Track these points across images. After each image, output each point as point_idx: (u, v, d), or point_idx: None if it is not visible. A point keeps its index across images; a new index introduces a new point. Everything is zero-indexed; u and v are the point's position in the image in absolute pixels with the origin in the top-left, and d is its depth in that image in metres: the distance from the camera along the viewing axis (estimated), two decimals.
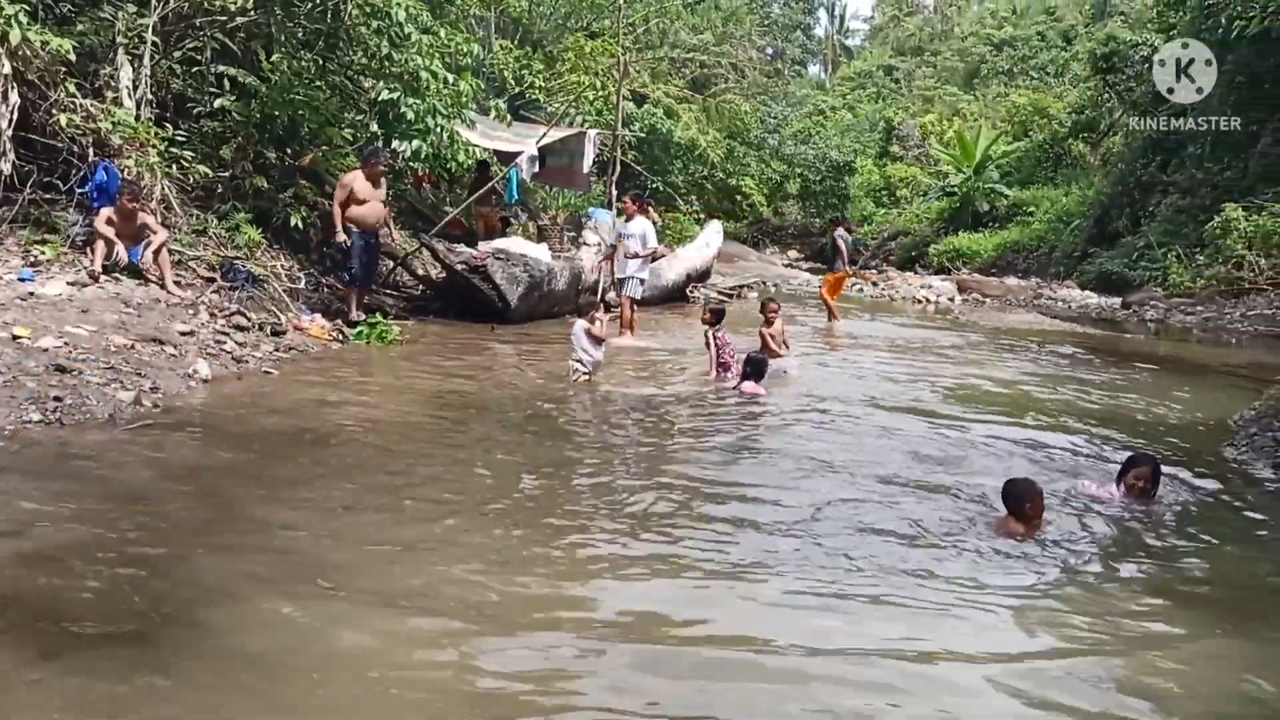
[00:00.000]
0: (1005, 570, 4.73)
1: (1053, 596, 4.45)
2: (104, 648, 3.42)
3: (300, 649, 3.52)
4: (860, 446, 7.18)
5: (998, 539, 5.12)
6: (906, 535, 5.15)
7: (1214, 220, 20.92)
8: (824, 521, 5.31)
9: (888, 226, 38.30)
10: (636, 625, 3.93)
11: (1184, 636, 4.11)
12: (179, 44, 11.19)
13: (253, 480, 5.42)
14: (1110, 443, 7.73)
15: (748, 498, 5.70)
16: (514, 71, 20.05)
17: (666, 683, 3.48)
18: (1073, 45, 45.82)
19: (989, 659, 3.77)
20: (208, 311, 9.36)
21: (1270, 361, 12.75)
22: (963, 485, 6.18)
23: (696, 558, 4.66)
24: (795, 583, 4.44)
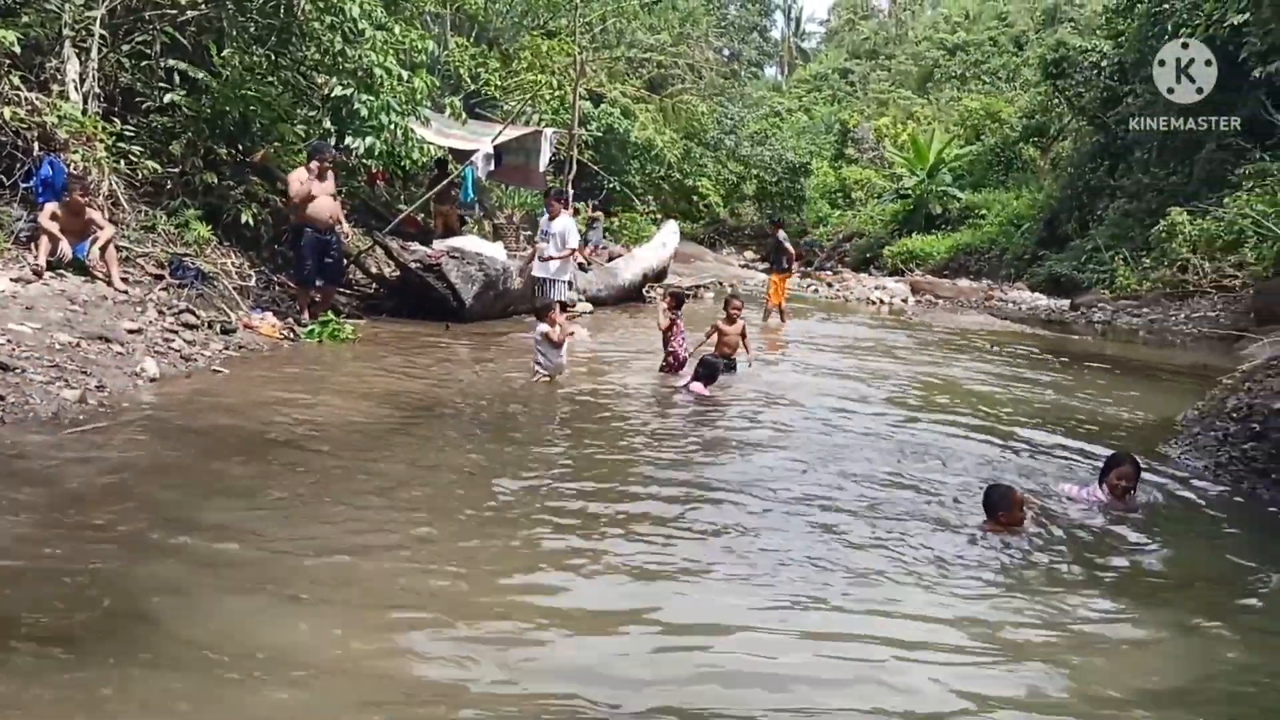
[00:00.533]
0: (959, 569, 4.79)
1: (1008, 595, 4.51)
2: (44, 649, 3.36)
3: (245, 650, 3.47)
4: (812, 446, 7.22)
5: (950, 535, 5.18)
6: (851, 533, 5.20)
7: (1159, 224, 21.35)
8: (772, 520, 5.35)
9: (843, 228, 38.66)
10: (585, 621, 3.94)
11: (1133, 633, 4.20)
12: (127, 37, 11.00)
13: (200, 481, 5.34)
14: (1060, 442, 7.85)
15: (695, 497, 5.70)
16: (470, 69, 19.97)
17: (619, 677, 3.48)
18: (1024, 51, 46.50)
19: (938, 656, 3.82)
20: (156, 309, 9.21)
21: (1213, 362, 13.00)
22: (917, 482, 6.25)
23: (643, 556, 4.68)
24: (741, 580, 4.48)
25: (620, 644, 3.78)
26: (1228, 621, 4.35)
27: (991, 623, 4.14)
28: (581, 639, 3.80)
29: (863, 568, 4.70)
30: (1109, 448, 7.67)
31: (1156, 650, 4.04)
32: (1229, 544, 5.55)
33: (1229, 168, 21.00)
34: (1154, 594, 4.71)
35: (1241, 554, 5.32)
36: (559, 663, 3.59)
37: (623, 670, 3.56)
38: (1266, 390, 6.84)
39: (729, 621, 3.99)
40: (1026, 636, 4.06)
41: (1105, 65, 27.35)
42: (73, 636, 3.47)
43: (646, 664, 3.61)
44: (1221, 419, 7.29)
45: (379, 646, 3.61)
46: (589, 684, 3.42)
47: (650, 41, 31.97)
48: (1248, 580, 4.95)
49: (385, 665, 3.47)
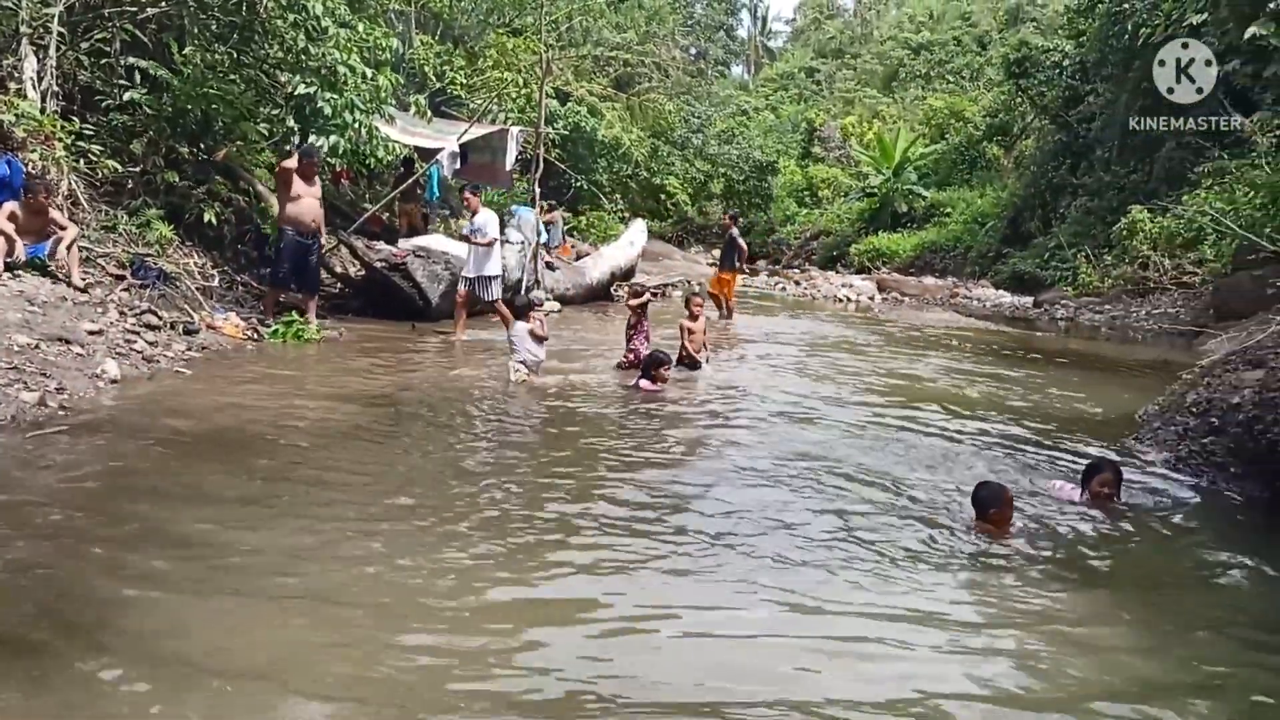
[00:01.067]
0: (948, 566, 4.83)
1: (990, 591, 4.56)
2: (3, 657, 3.31)
3: (207, 654, 3.44)
4: (771, 443, 7.25)
5: (936, 532, 5.22)
6: (828, 530, 5.23)
7: (1121, 222, 21.60)
8: (733, 519, 5.36)
9: (810, 227, 38.83)
10: (547, 617, 3.94)
11: (1100, 630, 4.25)
12: (86, 35, 10.86)
13: (162, 484, 5.28)
14: (1024, 437, 7.94)
15: (658, 498, 5.70)
16: (435, 67, 19.86)
17: (586, 670, 3.48)
18: (987, 50, 46.92)
19: (920, 653, 3.85)
20: (117, 310, 9.10)
21: (1173, 358, 13.18)
22: (883, 477, 6.30)
23: (606, 554, 4.68)
24: (704, 574, 4.49)
25: (586, 637, 3.77)
26: (1196, 616, 4.41)
27: (963, 620, 4.18)
28: (554, 633, 3.80)
29: (840, 565, 4.72)
30: (1073, 442, 7.79)
31: (1136, 646, 4.06)
32: (1193, 539, 5.61)
33: (1188, 166, 21.28)
34: (1128, 590, 4.76)
35: (1207, 548, 5.39)
36: (533, 661, 3.58)
37: (590, 665, 3.56)
38: (1224, 385, 6.94)
39: (702, 615, 4.01)
40: (1001, 631, 4.09)
41: (1067, 64, 27.65)
42: (33, 642, 3.42)
43: (616, 657, 3.62)
44: (1181, 414, 7.39)
45: (348, 648, 3.58)
46: (563, 680, 3.42)
47: (617, 40, 31.94)
48: (1215, 575, 5.02)
49: (356, 668, 3.44)
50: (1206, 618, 4.39)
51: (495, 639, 3.72)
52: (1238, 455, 6.47)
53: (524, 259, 15.07)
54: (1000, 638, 4.03)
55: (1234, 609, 4.55)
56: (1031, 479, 6.53)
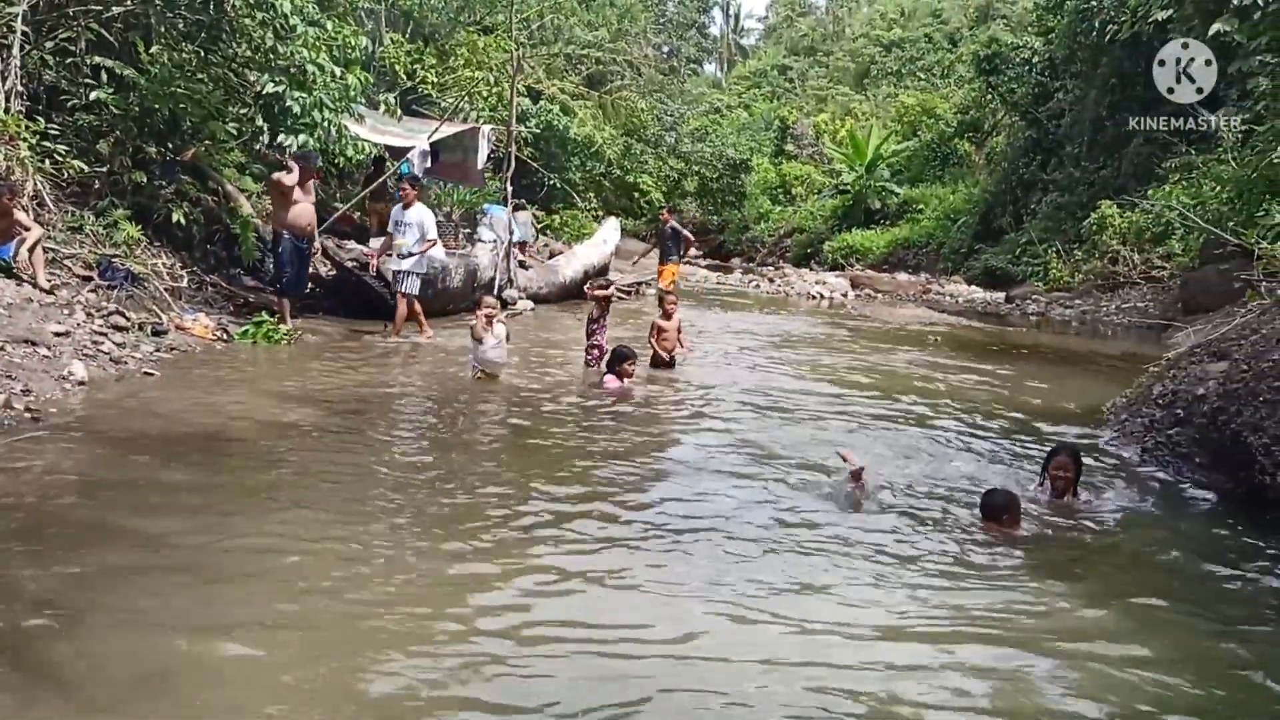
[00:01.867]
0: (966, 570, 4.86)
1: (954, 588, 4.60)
2: None
3: (176, 662, 3.41)
4: (742, 440, 7.27)
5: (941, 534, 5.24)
6: (819, 530, 5.25)
7: (1090, 217, 21.80)
8: (709, 520, 5.37)
9: (784, 224, 38.91)
10: (515, 630, 3.90)
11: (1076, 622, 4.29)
12: (51, 34, 10.73)
13: (129, 486, 5.24)
14: (995, 430, 8.00)
15: (623, 498, 5.71)
16: (406, 66, 19.77)
17: (550, 684, 3.48)
18: (958, 47, 47.14)
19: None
20: (84, 311, 9.00)
21: (1142, 351, 13.31)
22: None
23: (572, 562, 4.68)
24: (676, 576, 4.50)
25: (558, 650, 3.77)
26: (1170, 613, 4.47)
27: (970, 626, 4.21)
28: (519, 649, 3.78)
29: (835, 566, 4.75)
30: (1043, 435, 7.85)
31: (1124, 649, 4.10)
32: (1163, 532, 5.64)
33: (1156, 161, 21.50)
34: (1110, 590, 4.81)
35: (1179, 544, 5.42)
36: (501, 670, 3.57)
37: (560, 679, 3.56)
38: (1189, 377, 7.02)
39: (674, 619, 4.01)
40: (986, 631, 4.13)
41: (1036, 61, 27.87)
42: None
43: (593, 670, 3.62)
44: (1148, 406, 7.48)
45: (313, 659, 3.55)
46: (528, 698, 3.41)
47: (588, 38, 31.91)
48: (1187, 569, 5.07)
49: (316, 685, 3.41)
50: (1185, 613, 4.44)
51: (465, 644, 3.71)
52: (1203, 446, 6.55)
53: (497, 258, 15.04)
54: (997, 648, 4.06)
55: (1205, 604, 4.61)
56: (1007, 475, 6.58)
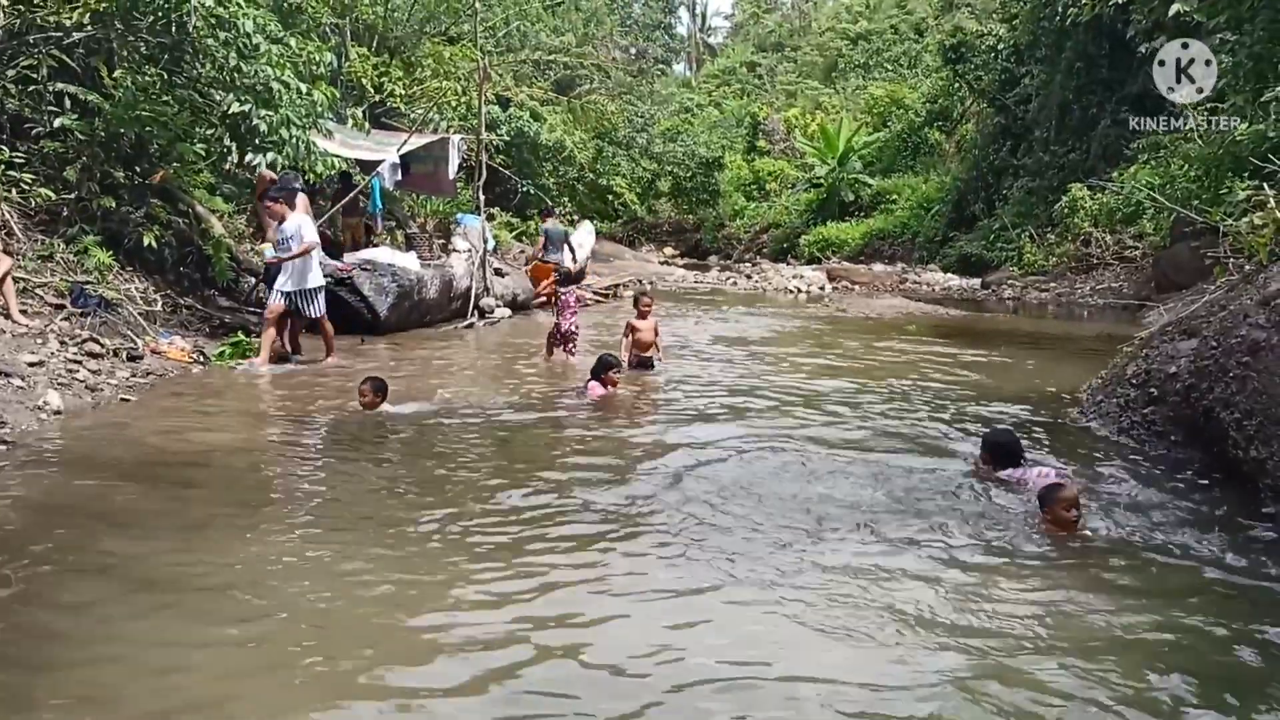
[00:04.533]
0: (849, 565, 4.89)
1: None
2: None
3: (148, 686, 3.40)
4: (738, 440, 7.29)
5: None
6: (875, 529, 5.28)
7: (1062, 200, 21.97)
8: (717, 525, 5.35)
9: (759, 220, 39.01)
10: (484, 641, 3.88)
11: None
12: (12, 62, 10.66)
13: (108, 515, 5.20)
14: (974, 416, 8.05)
15: (611, 506, 5.68)
16: (372, 79, 19.72)
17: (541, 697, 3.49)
18: (924, 37, 47.38)
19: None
20: (57, 340, 8.95)
21: (1117, 331, 13.42)
22: (850, 465, 6.36)
23: (561, 574, 4.69)
24: (714, 589, 4.52)
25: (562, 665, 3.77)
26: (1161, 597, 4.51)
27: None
28: (489, 658, 3.79)
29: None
30: (1021, 419, 7.91)
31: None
32: (1143, 511, 5.68)
33: (1124, 142, 21.68)
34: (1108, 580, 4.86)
35: (1160, 522, 5.43)
36: (507, 682, 3.58)
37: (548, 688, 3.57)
38: (1161, 356, 7.08)
39: (737, 644, 3.97)
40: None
41: (1002, 48, 28.07)
42: None
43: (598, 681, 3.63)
44: (1122, 385, 7.53)
45: (294, 674, 3.55)
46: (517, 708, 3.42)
47: (555, 43, 31.91)
48: (1168, 548, 5.12)
49: (304, 695, 3.42)
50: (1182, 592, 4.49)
51: (454, 659, 3.71)
52: (1177, 424, 6.61)
53: (473, 267, 15.03)
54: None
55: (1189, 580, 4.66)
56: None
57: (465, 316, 14.44)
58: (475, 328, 14.15)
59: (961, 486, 5.95)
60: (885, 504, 5.60)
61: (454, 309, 14.56)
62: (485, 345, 12.98)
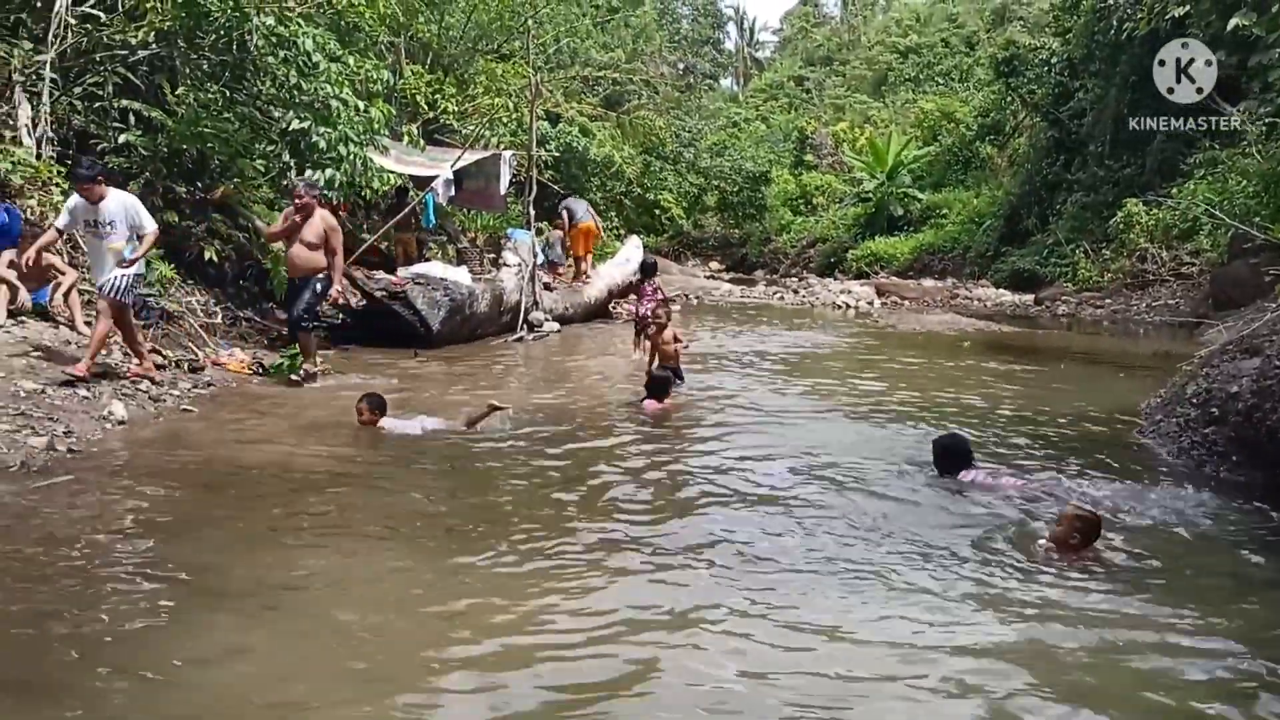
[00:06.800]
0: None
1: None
2: (25, 699, 3.35)
3: (229, 689, 3.48)
4: (795, 459, 7.27)
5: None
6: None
7: (1117, 216, 21.67)
8: (779, 549, 5.36)
9: (806, 234, 38.87)
10: (540, 653, 3.94)
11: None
12: (79, 80, 10.95)
13: (172, 523, 5.32)
14: (1025, 434, 7.97)
15: (676, 524, 5.72)
16: (426, 96, 19.98)
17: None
18: (975, 51, 47.01)
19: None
20: (121, 351, 9.16)
21: (1174, 349, 13.20)
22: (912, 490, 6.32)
23: (632, 597, 4.72)
24: (766, 614, 4.52)
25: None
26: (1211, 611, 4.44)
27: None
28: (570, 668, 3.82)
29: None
30: (1079, 439, 7.82)
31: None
32: (1202, 534, 5.61)
33: (1181, 157, 21.37)
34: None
35: (1220, 545, 5.38)
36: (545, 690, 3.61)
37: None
38: (1222, 375, 6.98)
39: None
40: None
41: (1055, 62, 27.74)
42: (44, 684, 3.46)
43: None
44: (1182, 405, 7.43)
45: (367, 680, 3.61)
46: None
47: (604, 59, 32.11)
48: (1229, 570, 5.04)
49: (378, 702, 3.47)
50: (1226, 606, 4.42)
51: (520, 671, 3.74)
52: (1239, 444, 6.51)
53: (522, 281, 15.14)
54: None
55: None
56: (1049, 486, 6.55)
57: (515, 330, 14.53)
58: (524, 341, 14.24)
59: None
60: (927, 523, 5.56)
61: (504, 322, 14.67)
62: (534, 358, 13.08)
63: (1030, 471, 6.74)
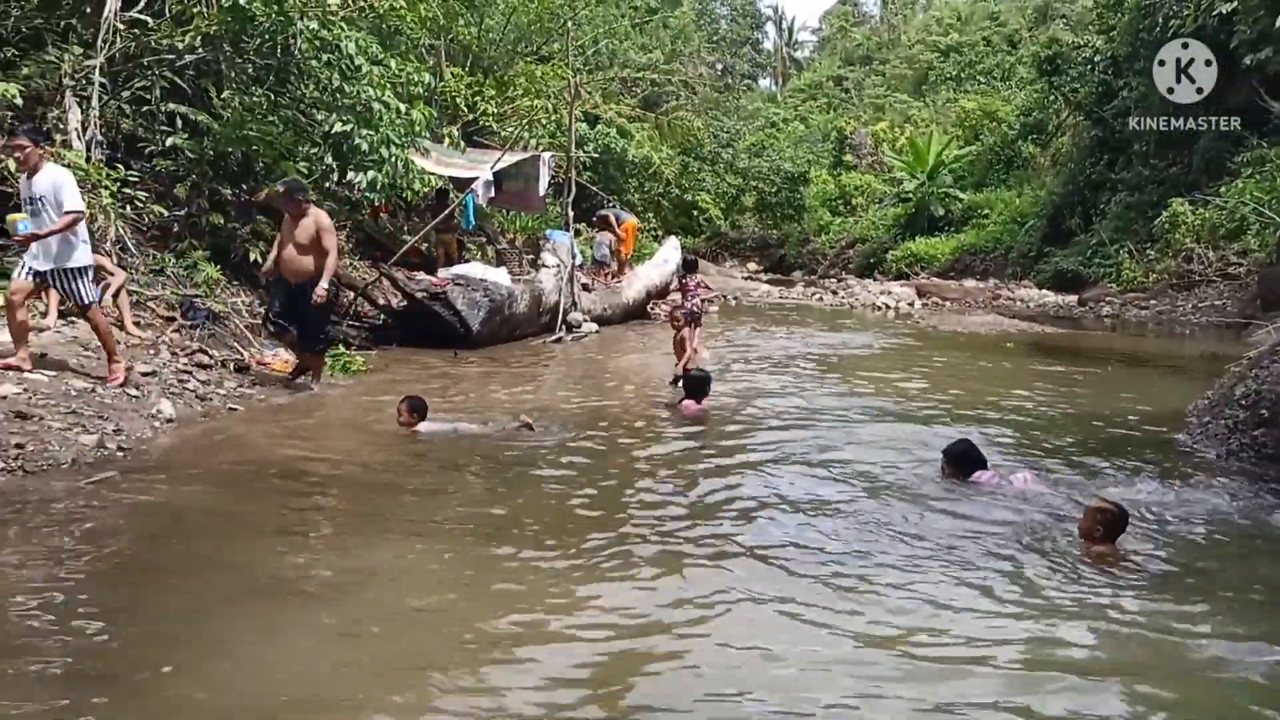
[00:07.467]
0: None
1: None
2: (83, 690, 3.41)
3: (274, 689, 3.52)
4: (838, 458, 7.25)
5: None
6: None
7: (1162, 215, 21.38)
8: (824, 545, 5.35)
9: (845, 235, 38.69)
10: (583, 649, 3.96)
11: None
12: (127, 84, 11.13)
13: (220, 520, 5.41)
14: (1072, 435, 7.89)
15: (730, 524, 5.73)
16: (466, 99, 20.11)
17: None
18: (1017, 49, 46.57)
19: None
20: (169, 351, 9.30)
21: (1221, 350, 13.01)
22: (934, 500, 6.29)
23: (679, 582, 4.73)
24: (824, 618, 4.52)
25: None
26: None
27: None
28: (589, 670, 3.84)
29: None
30: (1125, 442, 7.73)
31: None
32: (1252, 538, 5.53)
33: (1227, 156, 21.04)
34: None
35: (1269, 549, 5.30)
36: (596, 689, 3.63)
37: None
38: (1272, 376, 6.86)
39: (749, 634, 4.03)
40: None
41: (1099, 60, 27.43)
42: (99, 678, 3.52)
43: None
44: (1230, 407, 7.32)
45: (420, 675, 3.64)
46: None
47: (643, 61, 32.17)
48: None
49: (427, 698, 3.51)
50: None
51: (550, 665, 3.77)
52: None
53: (561, 282, 15.19)
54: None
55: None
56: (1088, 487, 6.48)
57: (553, 331, 14.58)
58: (563, 341, 14.29)
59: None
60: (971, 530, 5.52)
61: (543, 323, 14.73)
62: (573, 358, 13.13)
63: (1073, 472, 6.68)
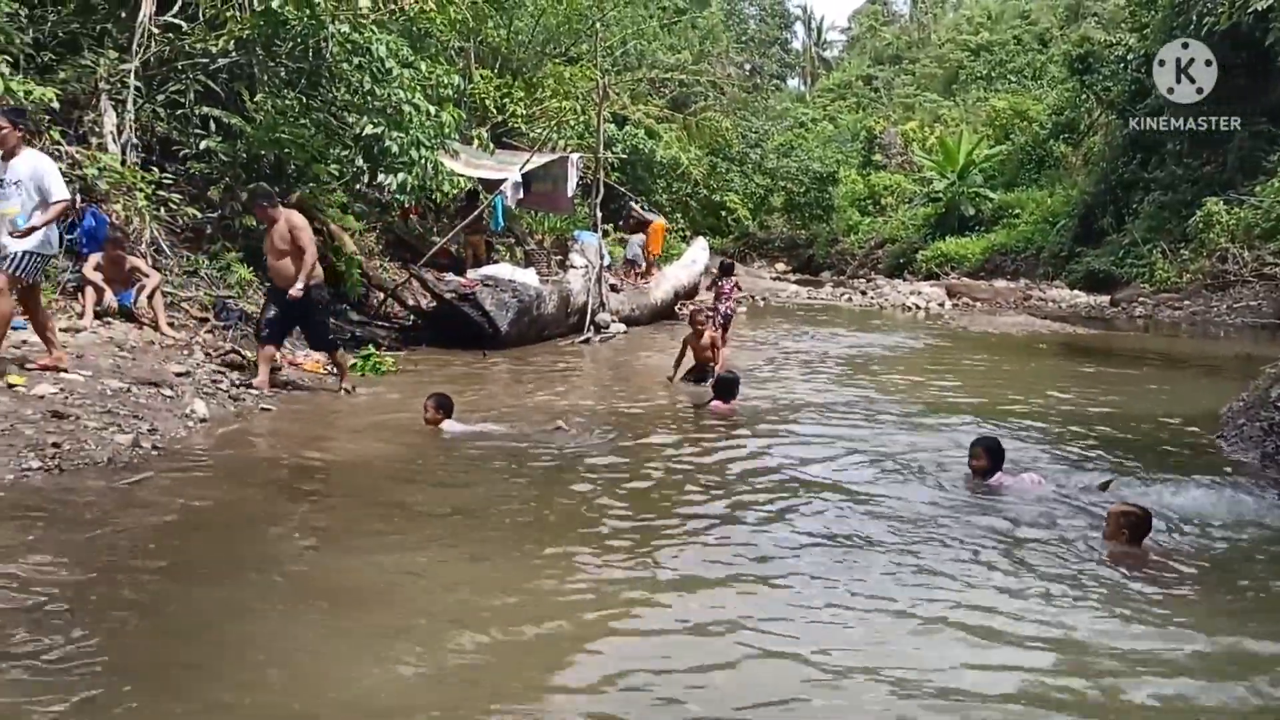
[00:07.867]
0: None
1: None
2: (120, 686, 3.46)
3: (313, 690, 3.55)
4: (863, 460, 7.24)
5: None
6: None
7: (1196, 215, 21.14)
8: (850, 548, 5.35)
9: (874, 235, 38.51)
10: (622, 649, 3.98)
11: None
12: (162, 88, 11.27)
13: (254, 519, 5.46)
14: (1105, 437, 7.82)
15: (756, 523, 5.73)
16: (495, 100, 20.20)
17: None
18: (1048, 48, 46.18)
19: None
20: (202, 351, 9.40)
21: (1257, 352, 12.86)
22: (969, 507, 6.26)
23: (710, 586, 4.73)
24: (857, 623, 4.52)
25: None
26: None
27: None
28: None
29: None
30: (1158, 445, 7.66)
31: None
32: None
33: (1262, 155, 20.78)
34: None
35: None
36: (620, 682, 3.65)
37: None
38: None
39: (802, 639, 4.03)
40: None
41: (1131, 59, 27.13)
42: (140, 676, 3.56)
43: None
44: (1265, 409, 7.24)
45: (470, 690, 3.64)
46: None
47: (671, 61, 32.16)
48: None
49: (461, 697, 3.54)
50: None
51: (582, 665, 3.79)
52: None
53: (589, 283, 15.22)
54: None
55: None
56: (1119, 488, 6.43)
57: (581, 331, 14.62)
58: (591, 342, 14.33)
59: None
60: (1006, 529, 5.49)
61: (571, 324, 14.77)
62: (601, 359, 13.15)
63: (1104, 475, 6.63)
